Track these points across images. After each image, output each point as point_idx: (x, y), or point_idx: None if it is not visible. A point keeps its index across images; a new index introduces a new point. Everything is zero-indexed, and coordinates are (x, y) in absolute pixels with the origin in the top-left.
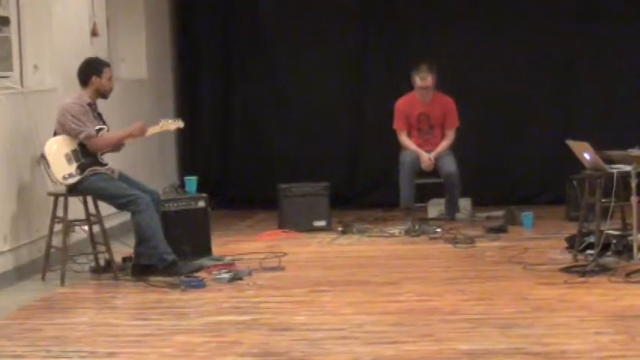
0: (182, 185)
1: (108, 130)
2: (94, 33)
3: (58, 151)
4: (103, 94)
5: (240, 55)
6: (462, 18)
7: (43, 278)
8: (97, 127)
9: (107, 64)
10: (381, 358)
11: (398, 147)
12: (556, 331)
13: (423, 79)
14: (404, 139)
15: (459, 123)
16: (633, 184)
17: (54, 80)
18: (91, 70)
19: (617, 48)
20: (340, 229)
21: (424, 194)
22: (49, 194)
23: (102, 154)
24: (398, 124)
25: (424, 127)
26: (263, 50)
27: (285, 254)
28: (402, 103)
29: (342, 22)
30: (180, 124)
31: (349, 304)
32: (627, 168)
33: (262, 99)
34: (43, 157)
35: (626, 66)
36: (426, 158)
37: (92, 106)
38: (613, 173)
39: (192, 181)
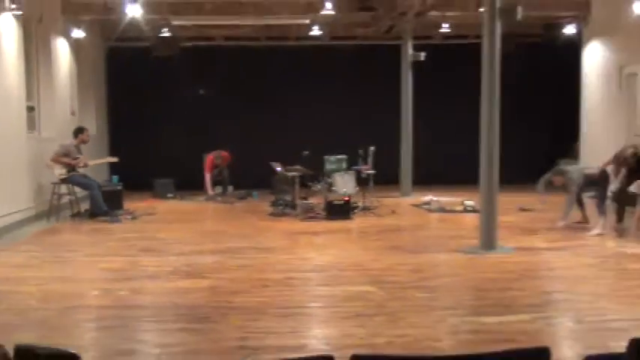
0: (110, 180)
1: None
2: None
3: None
4: (84, 142)
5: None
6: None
7: (48, 219)
8: (76, 156)
9: (86, 129)
10: None
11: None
12: (266, 239)
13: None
14: (207, 180)
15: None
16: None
17: None
18: (78, 131)
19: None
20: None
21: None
22: (53, 183)
23: (77, 166)
24: (207, 172)
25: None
26: None
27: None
28: (211, 158)
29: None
30: (116, 159)
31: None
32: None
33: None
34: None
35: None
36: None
37: (77, 147)
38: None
39: (115, 178)
